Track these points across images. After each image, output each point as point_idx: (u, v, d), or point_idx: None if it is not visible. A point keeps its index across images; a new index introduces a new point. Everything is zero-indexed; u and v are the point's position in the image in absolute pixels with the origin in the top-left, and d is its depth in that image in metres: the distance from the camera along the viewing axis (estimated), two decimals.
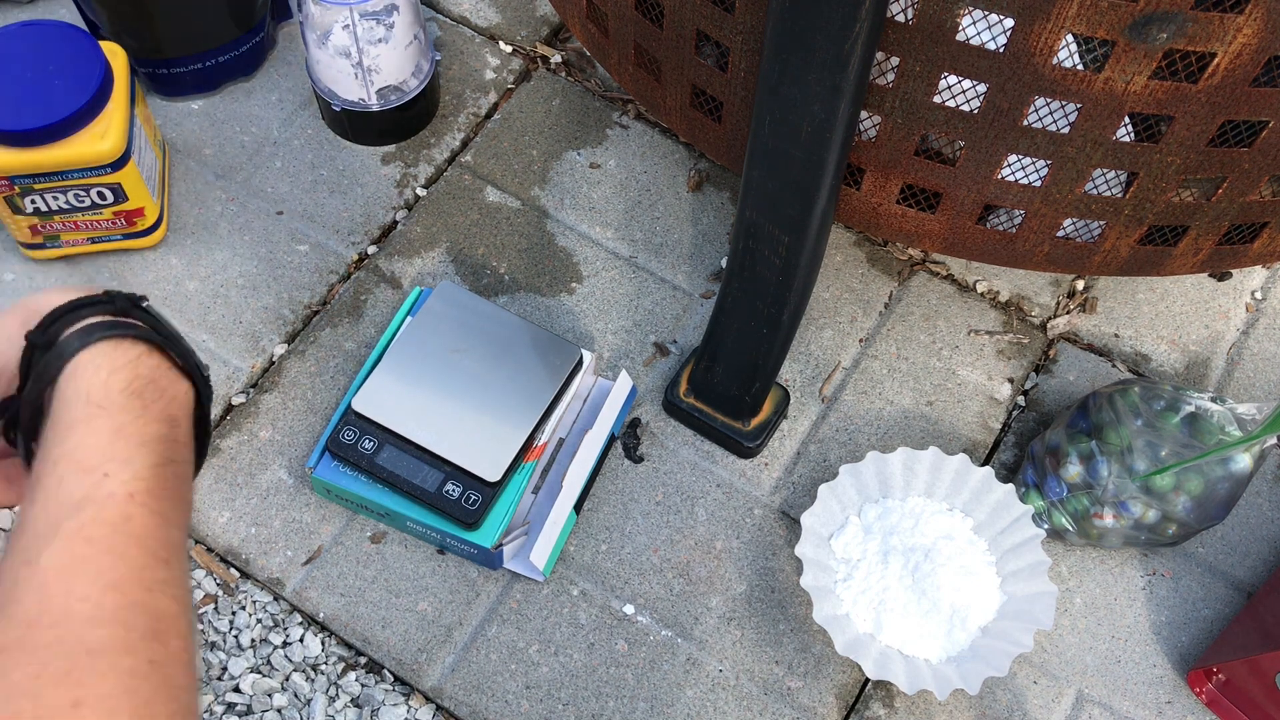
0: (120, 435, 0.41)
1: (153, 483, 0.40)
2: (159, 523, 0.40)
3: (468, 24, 1.09)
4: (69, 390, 0.41)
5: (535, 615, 0.82)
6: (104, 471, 0.40)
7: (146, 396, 0.42)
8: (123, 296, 0.44)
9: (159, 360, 0.43)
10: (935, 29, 0.63)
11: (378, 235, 0.98)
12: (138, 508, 0.39)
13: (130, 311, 0.44)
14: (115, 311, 0.44)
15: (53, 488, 0.39)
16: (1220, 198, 0.71)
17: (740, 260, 0.78)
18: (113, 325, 0.43)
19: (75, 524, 0.38)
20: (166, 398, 0.43)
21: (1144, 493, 0.79)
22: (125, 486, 0.40)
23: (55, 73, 0.84)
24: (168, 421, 0.43)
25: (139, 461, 0.40)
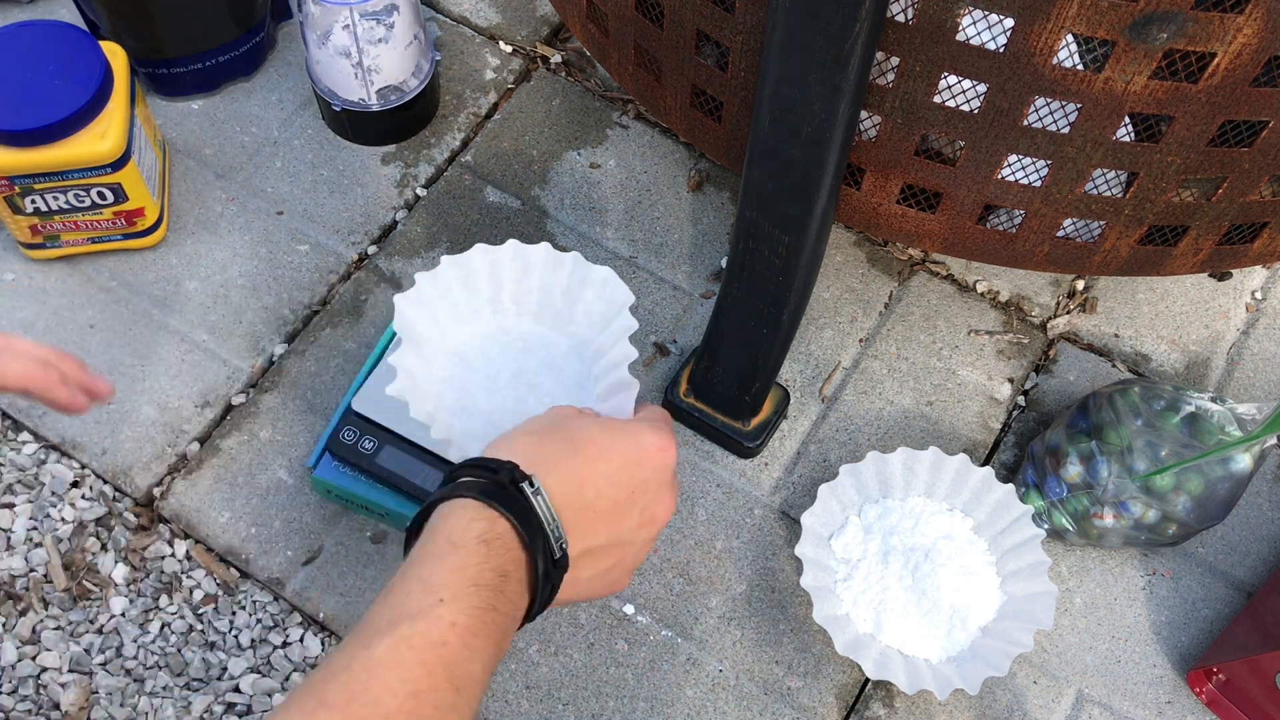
0: (462, 574, 0.51)
1: (473, 621, 0.50)
2: (466, 655, 0.49)
3: (468, 24, 1.09)
4: (440, 526, 0.53)
5: None
6: (440, 598, 0.50)
7: (493, 548, 0.52)
8: (508, 470, 0.54)
9: (507, 528, 0.53)
10: (935, 29, 0.63)
11: (378, 235, 0.98)
12: (455, 636, 0.49)
13: (507, 487, 0.54)
14: (498, 482, 0.54)
15: (400, 596, 0.50)
16: (1220, 198, 0.71)
17: (740, 260, 0.78)
18: (489, 491, 0.53)
19: (408, 630, 0.48)
20: (507, 556, 0.52)
21: (1144, 493, 0.79)
22: (451, 616, 0.49)
23: (55, 73, 0.84)
24: (500, 575, 0.52)
25: (467, 601, 0.50)
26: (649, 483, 0.59)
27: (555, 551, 0.55)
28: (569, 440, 0.58)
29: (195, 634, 0.81)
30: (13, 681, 0.79)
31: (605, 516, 0.57)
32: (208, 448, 0.87)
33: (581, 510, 0.56)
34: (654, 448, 0.59)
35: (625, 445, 0.58)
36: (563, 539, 0.55)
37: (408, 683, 0.47)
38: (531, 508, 0.54)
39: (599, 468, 0.57)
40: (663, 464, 0.59)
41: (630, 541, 0.59)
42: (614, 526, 0.58)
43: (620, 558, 0.60)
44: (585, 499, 0.56)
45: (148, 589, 0.83)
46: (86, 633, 0.81)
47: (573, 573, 0.57)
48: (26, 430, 0.88)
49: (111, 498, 0.86)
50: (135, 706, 0.79)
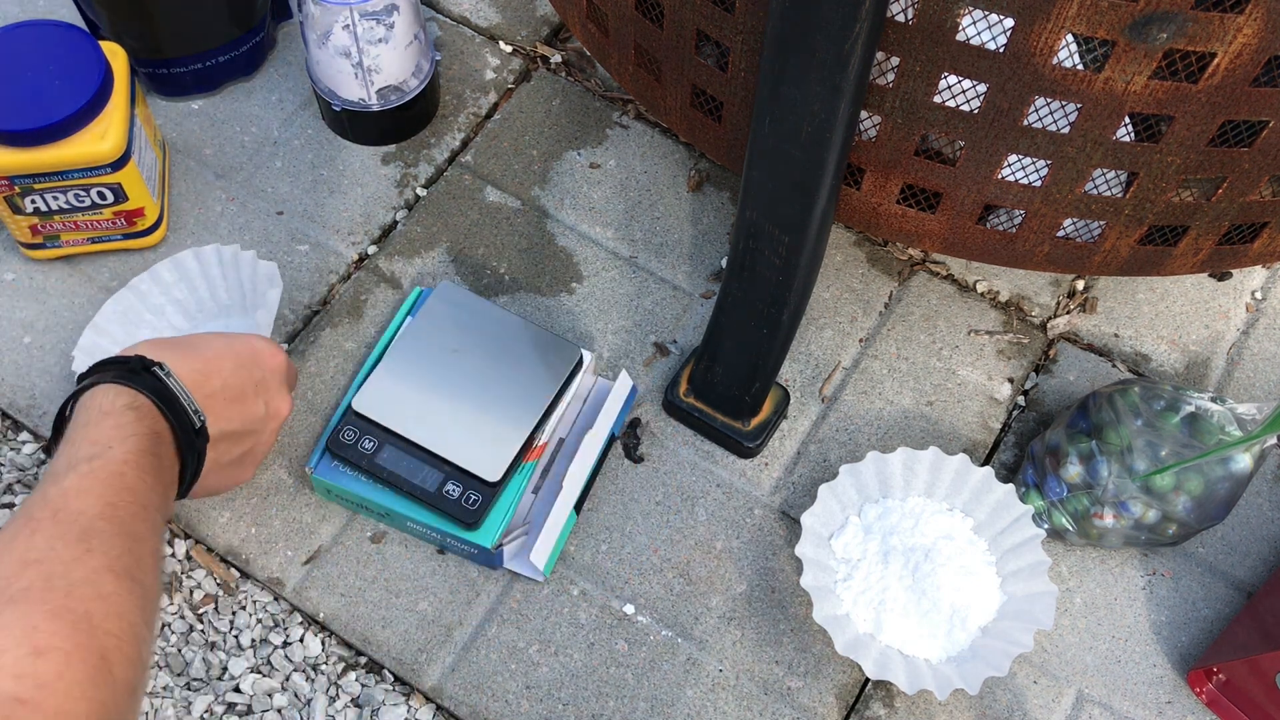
0: (120, 428, 0.61)
1: (142, 459, 0.60)
2: (142, 485, 0.59)
3: (468, 24, 1.09)
4: (89, 403, 0.63)
5: (535, 615, 0.82)
6: (108, 444, 0.60)
7: (140, 411, 0.63)
8: (139, 359, 0.65)
9: (150, 402, 0.64)
10: (935, 29, 0.63)
11: (378, 235, 0.98)
12: (129, 469, 0.59)
13: (140, 372, 0.65)
14: (130, 370, 0.64)
15: (71, 449, 0.59)
16: (1220, 198, 0.71)
17: (740, 260, 0.78)
18: (124, 376, 0.64)
19: (88, 466, 0.58)
20: (154, 418, 0.64)
21: (1144, 493, 0.79)
22: (122, 455, 0.59)
23: (55, 73, 0.84)
24: (153, 432, 0.63)
25: (131, 444, 0.61)
26: (267, 381, 0.73)
27: (195, 421, 0.66)
28: (190, 344, 0.70)
29: (195, 634, 0.81)
30: None
31: (234, 403, 0.70)
32: None
33: (211, 395, 0.68)
34: (266, 351, 0.73)
35: (240, 347, 0.72)
36: (199, 411, 0.66)
37: (101, 497, 0.57)
38: (165, 385, 0.65)
39: (221, 364, 0.70)
40: (276, 365, 0.73)
41: (259, 431, 0.73)
42: (244, 414, 0.71)
43: (253, 446, 0.74)
44: (213, 386, 0.68)
45: None
46: None
47: (213, 453, 0.69)
48: (26, 430, 0.88)
49: None
50: None
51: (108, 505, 0.57)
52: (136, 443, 0.60)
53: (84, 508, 0.56)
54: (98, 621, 0.51)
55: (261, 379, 0.72)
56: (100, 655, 0.51)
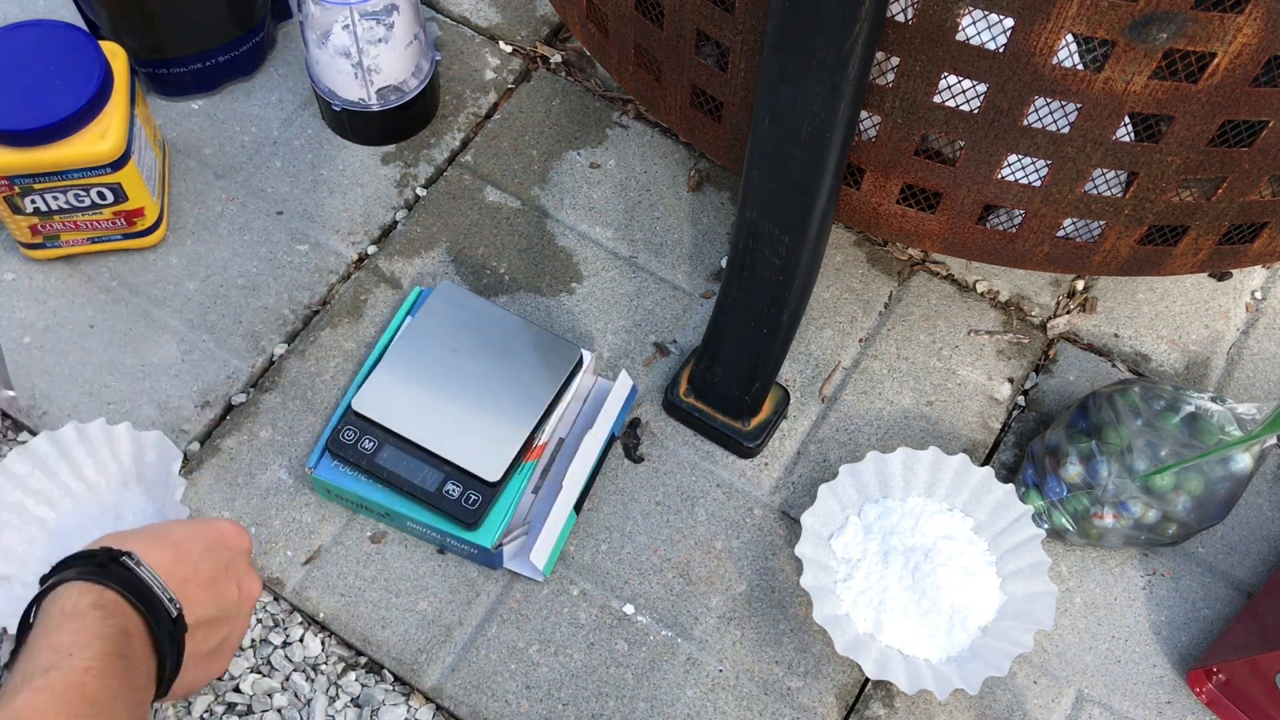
0: (84, 631, 0.56)
1: (105, 665, 0.55)
2: (106, 694, 0.55)
3: (468, 24, 1.09)
4: (51, 607, 0.58)
5: (535, 615, 0.82)
6: (69, 652, 0.55)
7: (107, 610, 0.58)
8: (106, 552, 0.61)
9: (117, 597, 0.59)
10: (935, 29, 0.63)
11: (378, 235, 0.98)
12: (91, 679, 0.54)
13: (109, 566, 0.60)
14: (97, 563, 0.60)
15: (28, 662, 0.55)
16: (1220, 198, 0.71)
17: (740, 260, 0.78)
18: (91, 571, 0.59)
19: (44, 680, 0.53)
20: (124, 616, 0.59)
21: (1144, 493, 0.79)
22: (83, 663, 0.55)
23: (55, 73, 0.84)
24: (121, 631, 0.58)
25: (94, 649, 0.56)
26: (236, 562, 0.68)
27: (171, 610, 0.61)
28: (155, 531, 0.66)
29: None
30: None
31: (208, 588, 0.65)
32: (208, 447, 0.87)
33: (184, 582, 0.63)
34: (231, 531, 0.69)
35: (205, 530, 0.68)
36: (175, 599, 0.62)
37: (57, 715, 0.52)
38: (136, 575, 0.60)
39: (190, 548, 0.65)
40: (241, 546, 0.69)
41: (235, 616, 0.68)
42: (218, 598, 0.66)
43: (229, 632, 0.69)
44: (185, 572, 0.64)
45: None
46: None
47: (191, 643, 0.63)
48: (26, 430, 0.88)
49: None
50: None
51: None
52: (101, 646, 0.56)
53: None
54: None
55: (231, 560, 0.68)
56: None
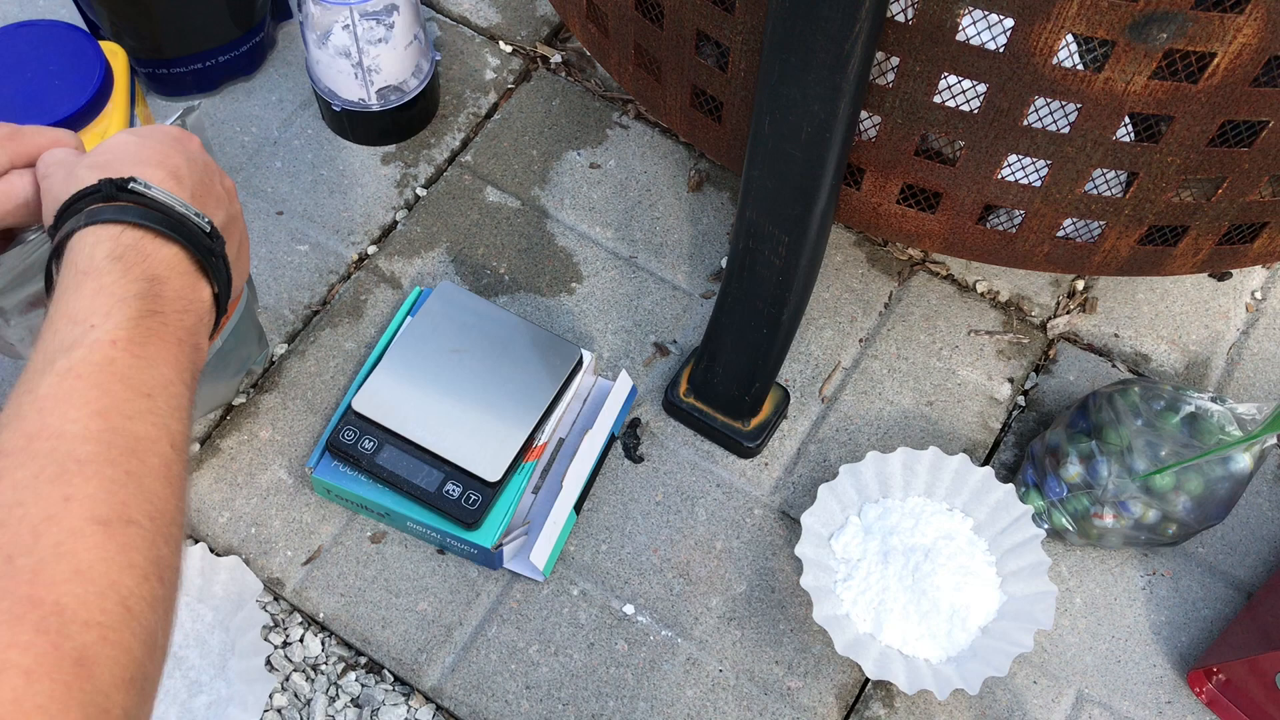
0: (102, 293, 0.48)
1: (135, 331, 0.48)
2: (141, 364, 0.47)
3: (468, 24, 1.09)
4: (65, 264, 0.50)
5: (535, 615, 0.82)
6: (90, 323, 0.47)
7: (127, 260, 0.50)
8: (110, 183, 0.52)
9: (139, 233, 0.51)
10: (935, 29, 0.63)
11: (378, 235, 0.98)
12: (120, 352, 0.47)
13: (116, 196, 0.52)
14: (104, 198, 0.51)
15: (49, 336, 0.48)
16: (1220, 198, 0.71)
17: (740, 260, 0.78)
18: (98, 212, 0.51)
19: (67, 362, 0.46)
20: (149, 260, 0.51)
21: (1144, 493, 0.79)
22: (108, 334, 0.47)
23: (55, 73, 0.84)
24: (148, 280, 0.50)
25: (119, 314, 0.48)
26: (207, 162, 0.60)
27: (204, 226, 0.54)
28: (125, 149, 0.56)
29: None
30: None
31: (207, 193, 0.57)
32: (208, 448, 0.87)
33: (193, 195, 0.56)
34: (177, 132, 0.60)
35: (159, 133, 0.59)
36: (200, 213, 0.54)
37: (86, 405, 0.45)
38: (153, 200, 0.52)
39: (173, 157, 0.56)
40: (196, 144, 0.61)
41: (236, 215, 0.61)
42: (220, 198, 0.59)
43: (240, 232, 0.61)
44: (190, 186, 0.56)
45: None
46: None
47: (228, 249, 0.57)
48: None
49: None
50: None
51: (94, 415, 0.45)
52: (125, 309, 0.48)
53: (63, 426, 0.44)
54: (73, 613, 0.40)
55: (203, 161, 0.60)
56: (76, 660, 0.39)
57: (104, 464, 0.44)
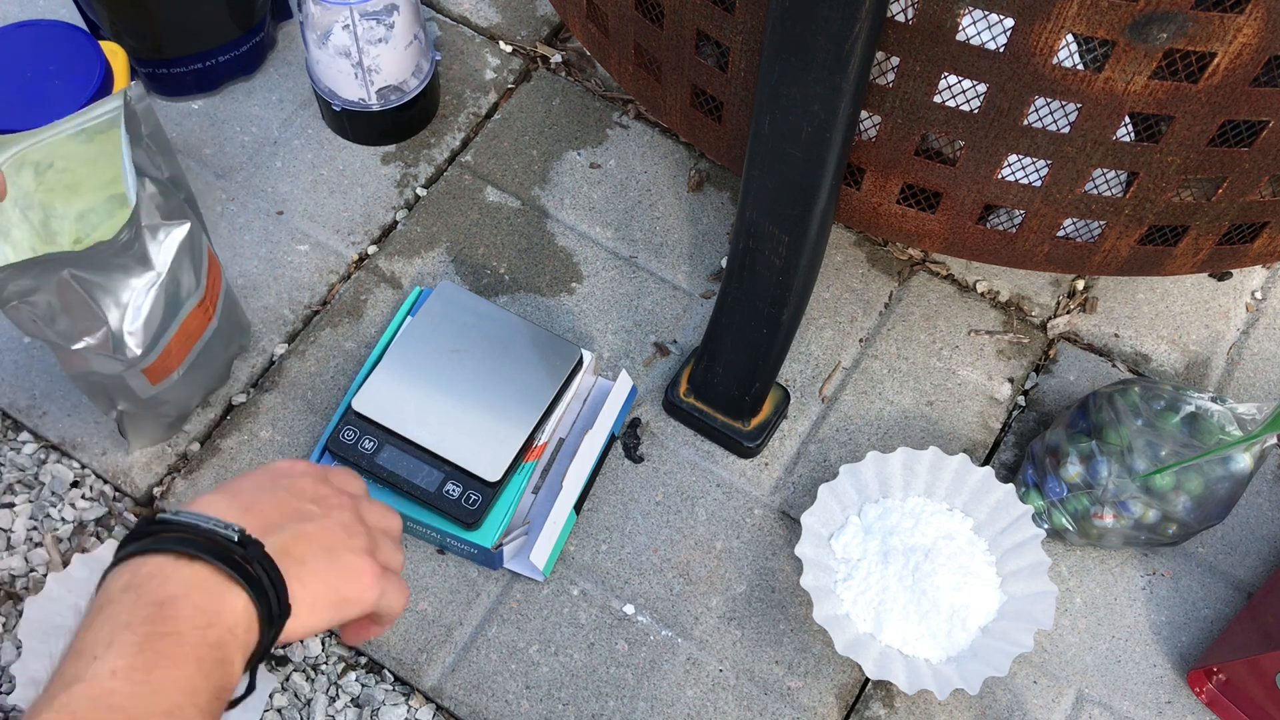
0: (108, 623, 0.48)
1: (135, 659, 0.47)
2: (144, 692, 0.46)
3: (468, 24, 1.09)
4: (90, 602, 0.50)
5: (535, 615, 0.82)
6: (93, 654, 0.47)
7: (140, 588, 0.49)
8: (144, 520, 0.52)
9: (159, 559, 0.50)
10: (935, 29, 0.63)
11: (378, 235, 0.98)
12: (119, 681, 0.46)
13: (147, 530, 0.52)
14: (135, 536, 0.52)
15: (57, 672, 0.47)
16: (1220, 198, 0.71)
17: (740, 260, 0.78)
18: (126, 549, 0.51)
19: (64, 699, 0.45)
20: (166, 583, 0.49)
21: (1144, 493, 0.79)
22: (108, 665, 0.46)
23: (55, 73, 0.84)
24: (157, 604, 0.49)
25: (121, 642, 0.47)
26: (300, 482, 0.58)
27: (229, 535, 0.52)
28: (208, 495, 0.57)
29: None
30: (13, 682, 0.79)
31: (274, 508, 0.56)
32: (208, 447, 0.87)
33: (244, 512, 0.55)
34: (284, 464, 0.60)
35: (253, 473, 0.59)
36: (230, 525, 0.52)
37: None
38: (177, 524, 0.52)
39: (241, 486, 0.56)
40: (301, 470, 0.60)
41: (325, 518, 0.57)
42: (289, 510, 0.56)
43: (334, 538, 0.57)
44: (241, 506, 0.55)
45: None
46: None
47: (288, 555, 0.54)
48: (26, 430, 0.88)
49: (111, 497, 0.86)
50: None
51: None
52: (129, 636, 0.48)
53: None
54: None
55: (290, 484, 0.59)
56: None
57: None
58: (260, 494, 0.56)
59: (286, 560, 0.53)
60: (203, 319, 0.80)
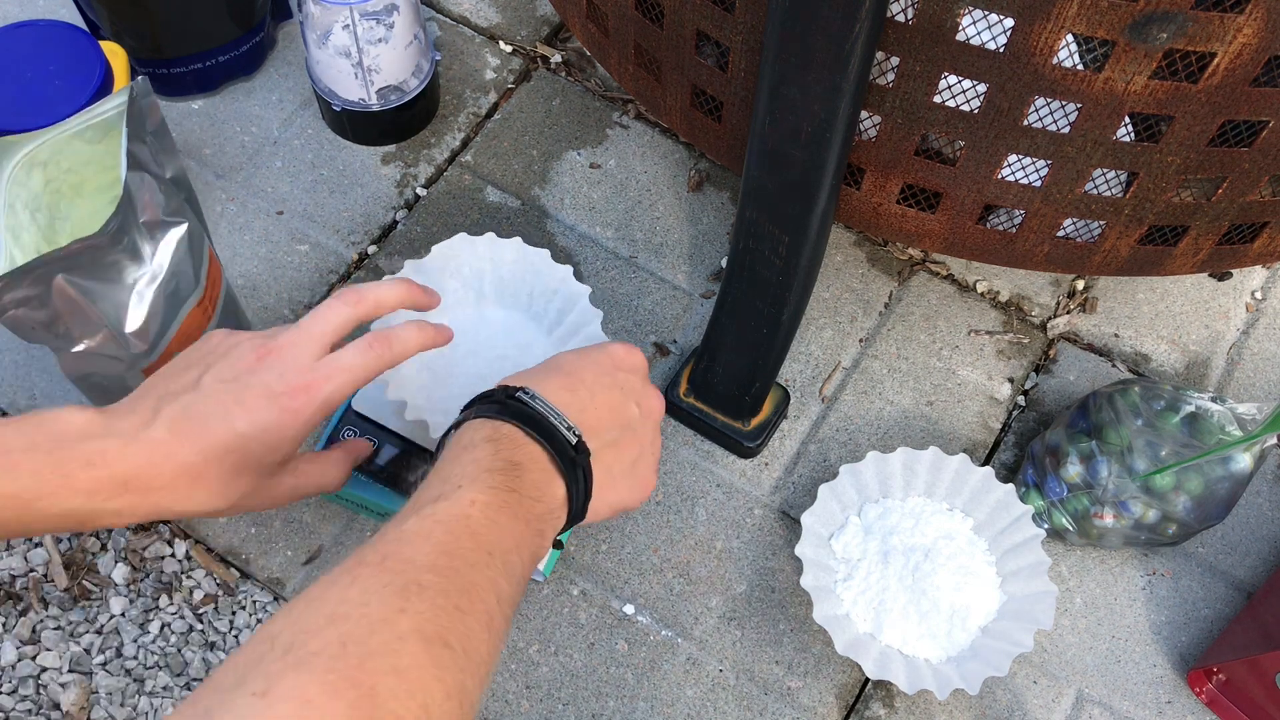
0: (475, 464, 0.56)
1: (493, 498, 0.55)
2: (490, 527, 0.54)
3: (468, 24, 1.10)
4: (453, 441, 0.59)
5: (535, 615, 0.82)
6: (457, 484, 0.55)
7: (499, 443, 0.58)
8: (504, 390, 0.61)
9: (514, 428, 0.59)
10: (935, 29, 0.63)
11: (378, 235, 0.98)
12: (476, 510, 0.54)
13: (506, 402, 0.60)
14: (496, 401, 0.60)
15: (424, 490, 0.56)
16: (1220, 198, 0.71)
17: (740, 260, 0.78)
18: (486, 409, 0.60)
19: (430, 509, 0.53)
20: (518, 449, 0.58)
21: (1144, 493, 0.79)
22: (469, 495, 0.54)
23: (55, 73, 0.84)
24: (513, 464, 0.57)
25: (483, 482, 0.55)
26: (632, 381, 0.67)
27: (569, 437, 0.60)
28: (549, 366, 0.65)
29: (195, 634, 0.81)
30: (13, 681, 0.79)
31: (607, 411, 0.64)
32: None
33: (582, 410, 0.62)
34: (622, 352, 0.67)
35: (597, 355, 0.66)
36: (572, 426, 0.61)
37: (438, 544, 0.52)
38: (530, 407, 0.60)
39: (582, 376, 0.64)
40: (634, 365, 0.67)
41: (640, 430, 0.66)
42: (619, 417, 0.65)
43: (640, 449, 0.67)
44: (581, 401, 0.63)
45: (147, 589, 0.83)
46: (86, 633, 0.81)
47: (600, 464, 0.62)
48: None
49: None
50: (135, 706, 0.79)
51: (442, 554, 0.51)
52: (489, 479, 0.56)
53: (414, 556, 0.51)
54: (382, 700, 0.45)
55: (625, 381, 0.66)
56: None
57: (438, 594, 0.49)
58: (599, 391, 0.64)
59: (600, 469, 0.62)
60: (203, 319, 0.80)
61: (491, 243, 0.81)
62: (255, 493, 0.64)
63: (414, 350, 0.66)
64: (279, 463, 0.64)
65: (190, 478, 0.60)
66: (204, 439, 0.60)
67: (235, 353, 0.63)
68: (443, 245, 0.80)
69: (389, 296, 0.68)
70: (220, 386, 0.61)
